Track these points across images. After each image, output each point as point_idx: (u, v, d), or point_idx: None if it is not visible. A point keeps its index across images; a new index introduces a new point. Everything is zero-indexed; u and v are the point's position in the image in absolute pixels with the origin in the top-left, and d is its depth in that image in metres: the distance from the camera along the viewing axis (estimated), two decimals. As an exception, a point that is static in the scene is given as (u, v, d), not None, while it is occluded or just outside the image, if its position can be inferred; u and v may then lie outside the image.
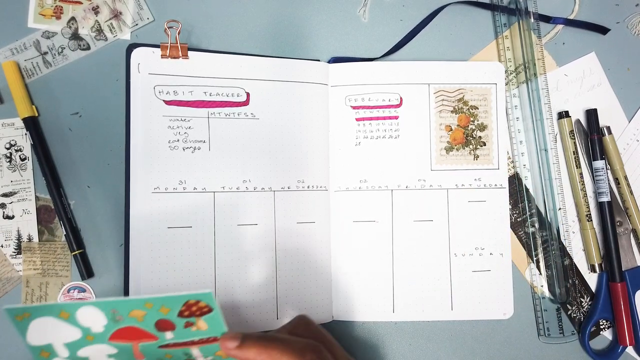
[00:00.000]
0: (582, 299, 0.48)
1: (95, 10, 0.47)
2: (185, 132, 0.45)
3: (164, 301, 0.31)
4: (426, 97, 0.48)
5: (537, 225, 0.48)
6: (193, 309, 0.31)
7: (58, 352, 0.33)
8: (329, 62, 0.49)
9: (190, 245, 0.44)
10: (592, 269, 0.48)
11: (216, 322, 0.32)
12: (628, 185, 0.48)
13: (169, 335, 0.32)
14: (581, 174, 0.48)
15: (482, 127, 0.49)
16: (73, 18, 0.47)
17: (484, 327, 0.48)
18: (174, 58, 0.45)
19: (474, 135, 0.49)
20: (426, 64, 0.49)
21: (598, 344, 0.48)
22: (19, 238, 0.45)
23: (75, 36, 0.47)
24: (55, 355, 0.33)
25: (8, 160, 0.45)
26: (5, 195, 0.45)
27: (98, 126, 0.46)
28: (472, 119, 0.49)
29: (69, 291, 0.45)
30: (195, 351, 0.33)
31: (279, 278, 0.46)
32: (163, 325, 0.32)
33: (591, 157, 0.49)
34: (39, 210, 0.45)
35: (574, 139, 0.49)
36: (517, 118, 0.49)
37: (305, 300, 0.46)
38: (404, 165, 0.48)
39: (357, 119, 0.48)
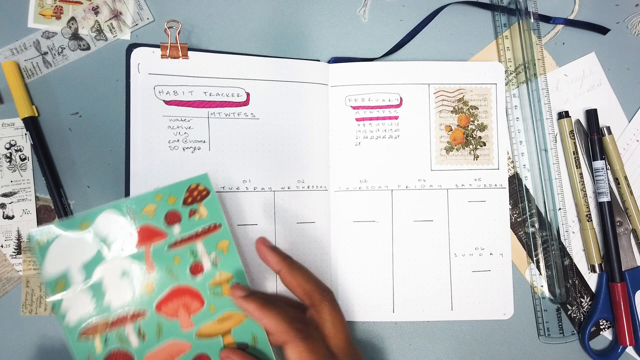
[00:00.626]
0: (582, 299, 0.48)
1: (95, 10, 0.47)
2: (185, 132, 0.45)
3: (170, 190, 0.38)
4: (426, 97, 0.48)
5: (537, 225, 0.48)
6: (194, 194, 0.38)
7: (74, 279, 0.36)
8: (329, 62, 0.49)
9: (190, 245, 0.44)
10: (592, 269, 0.48)
11: (214, 206, 0.38)
12: (628, 185, 0.48)
13: (176, 230, 0.38)
14: (581, 174, 0.48)
15: (482, 127, 0.49)
16: (73, 18, 0.47)
17: (484, 327, 0.48)
18: (174, 58, 0.45)
19: (474, 135, 0.49)
20: (426, 64, 0.49)
21: (598, 344, 0.48)
22: (19, 238, 0.45)
23: (75, 36, 0.47)
24: (70, 285, 0.35)
25: (8, 160, 0.45)
26: (5, 195, 0.45)
27: (98, 126, 0.46)
28: (472, 119, 0.49)
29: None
30: (200, 247, 0.38)
31: (279, 278, 0.45)
32: (171, 218, 0.37)
33: (591, 157, 0.49)
34: (39, 210, 0.45)
35: (574, 139, 0.49)
36: (517, 118, 0.49)
37: (305, 300, 0.46)
38: (404, 165, 0.48)
39: (357, 119, 0.48)
